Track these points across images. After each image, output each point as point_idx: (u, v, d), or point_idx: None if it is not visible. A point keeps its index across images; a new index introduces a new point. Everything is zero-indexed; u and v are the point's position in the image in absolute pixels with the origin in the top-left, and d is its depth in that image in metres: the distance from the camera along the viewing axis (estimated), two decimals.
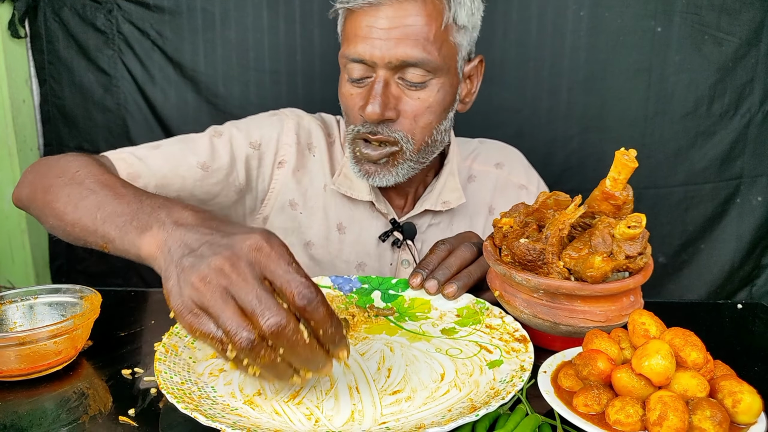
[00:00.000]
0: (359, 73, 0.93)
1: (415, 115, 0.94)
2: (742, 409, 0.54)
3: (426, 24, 0.89)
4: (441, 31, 0.91)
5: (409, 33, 0.89)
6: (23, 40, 1.58)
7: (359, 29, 0.90)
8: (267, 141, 1.07)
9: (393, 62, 0.90)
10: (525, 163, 1.20)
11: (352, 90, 0.96)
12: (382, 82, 0.91)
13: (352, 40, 0.91)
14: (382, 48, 0.89)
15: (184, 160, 1.00)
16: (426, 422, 0.58)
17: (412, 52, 0.89)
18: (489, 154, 1.17)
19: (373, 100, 0.91)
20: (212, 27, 1.56)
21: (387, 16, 0.88)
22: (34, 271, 1.65)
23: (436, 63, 0.91)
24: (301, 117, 1.12)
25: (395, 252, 1.10)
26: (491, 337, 0.76)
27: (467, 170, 1.15)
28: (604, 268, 0.68)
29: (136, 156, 0.97)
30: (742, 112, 1.56)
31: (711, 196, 1.61)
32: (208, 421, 0.55)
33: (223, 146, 1.04)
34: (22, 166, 1.59)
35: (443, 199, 1.08)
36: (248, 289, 0.52)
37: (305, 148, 1.10)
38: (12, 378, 0.69)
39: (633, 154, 0.70)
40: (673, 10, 1.49)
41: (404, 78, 0.92)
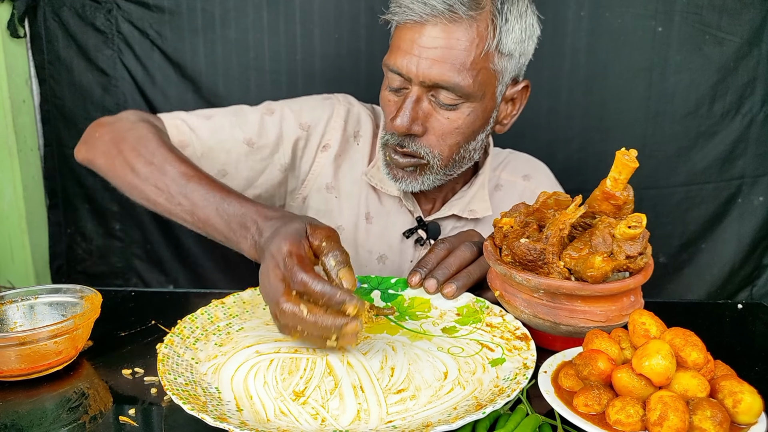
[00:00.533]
0: (398, 84, 0.94)
1: (443, 134, 0.95)
2: (743, 409, 0.55)
3: (466, 49, 0.89)
4: (480, 57, 0.90)
5: (447, 56, 0.89)
6: (23, 39, 1.58)
7: (403, 42, 0.91)
8: (316, 123, 1.10)
9: (426, 81, 0.91)
10: (552, 177, 1.21)
11: (390, 97, 0.97)
12: (414, 98, 0.92)
13: (395, 51, 0.93)
14: (419, 65, 0.90)
15: (230, 135, 1.04)
16: (433, 420, 0.58)
17: (446, 75, 0.89)
18: (517, 166, 1.18)
19: (402, 113, 0.92)
20: (212, 27, 1.56)
21: (430, 35, 0.89)
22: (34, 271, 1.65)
23: (468, 90, 0.91)
24: (351, 104, 1.14)
25: (417, 250, 1.11)
26: (492, 336, 0.76)
27: (495, 179, 1.16)
28: (605, 268, 0.68)
29: (188, 124, 1.03)
30: (744, 112, 1.55)
31: (712, 196, 1.61)
32: (216, 422, 0.55)
33: (273, 124, 1.07)
34: (22, 166, 1.59)
35: (471, 207, 1.09)
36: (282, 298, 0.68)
37: (351, 135, 1.12)
38: (12, 378, 0.69)
39: (633, 154, 0.70)
40: (674, 10, 1.49)
41: (436, 97, 0.93)
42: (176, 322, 0.75)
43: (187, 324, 0.76)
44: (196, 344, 0.73)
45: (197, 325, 0.76)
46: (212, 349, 0.73)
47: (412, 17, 0.89)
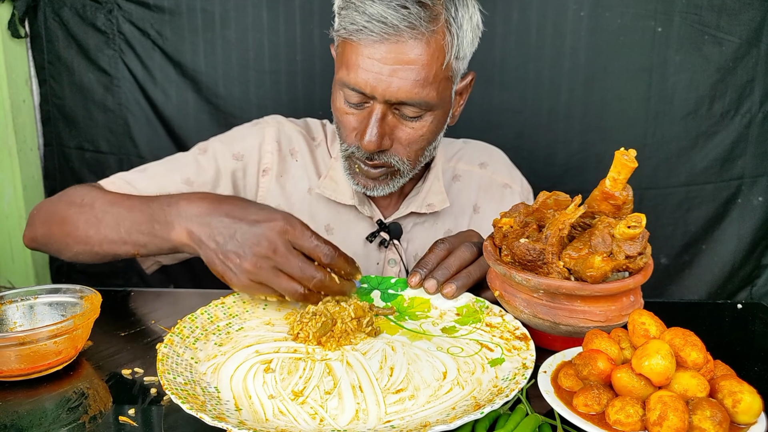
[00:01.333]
0: (356, 100, 0.92)
1: (409, 143, 0.95)
2: (742, 409, 0.55)
3: (427, 64, 0.87)
4: (441, 69, 0.89)
5: (409, 74, 0.87)
6: (23, 40, 1.58)
7: (360, 59, 0.88)
8: (249, 151, 1.11)
9: (391, 100, 0.89)
10: (508, 162, 1.22)
11: (347, 110, 0.95)
12: (380, 114, 0.91)
13: (352, 69, 0.89)
14: (381, 84, 0.88)
15: (169, 179, 1.05)
16: (431, 420, 0.58)
17: (410, 93, 0.88)
18: (473, 155, 1.19)
19: (370, 131, 0.91)
20: (212, 27, 1.56)
21: (389, 51, 0.86)
22: (34, 271, 1.65)
23: (432, 102, 0.91)
24: (281, 123, 1.14)
25: (382, 252, 1.11)
26: (492, 336, 0.76)
27: (452, 170, 1.16)
28: (604, 268, 0.68)
29: (125, 180, 1.04)
30: (743, 112, 1.55)
31: (712, 196, 1.61)
32: (214, 422, 0.55)
33: (208, 161, 1.08)
34: (22, 166, 1.59)
35: (428, 202, 1.09)
36: (292, 264, 0.76)
37: (287, 154, 1.13)
38: (12, 378, 0.69)
39: (632, 154, 0.70)
40: (673, 10, 1.49)
41: (400, 111, 0.92)
42: (176, 322, 0.75)
43: (187, 324, 0.76)
44: (195, 344, 0.73)
45: (197, 325, 0.76)
46: (212, 348, 0.73)
47: (371, 36, 0.86)
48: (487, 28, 1.56)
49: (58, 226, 0.93)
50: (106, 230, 0.86)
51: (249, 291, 0.78)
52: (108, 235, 0.86)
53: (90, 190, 0.94)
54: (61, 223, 0.92)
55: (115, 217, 0.85)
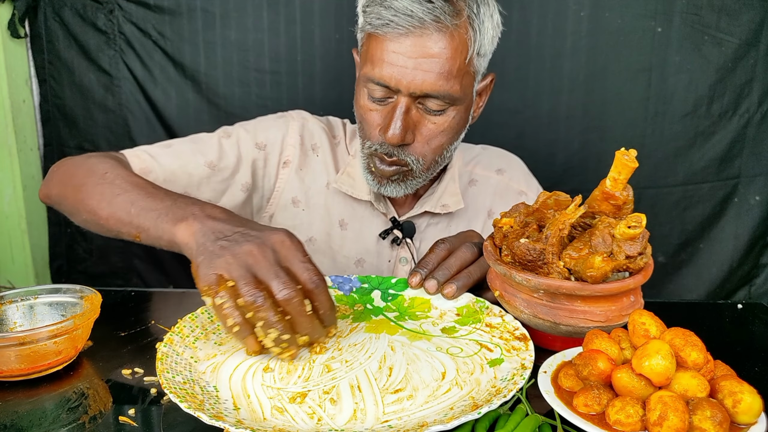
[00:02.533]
0: (381, 94, 0.94)
1: (429, 139, 0.96)
2: (743, 409, 0.55)
3: (451, 57, 0.90)
4: (464, 63, 0.92)
5: (435, 66, 0.89)
6: (23, 40, 1.58)
7: (385, 54, 0.90)
8: (273, 142, 1.11)
9: (416, 92, 0.91)
10: (525, 170, 1.22)
11: (371, 106, 0.97)
12: (404, 108, 0.92)
13: (377, 63, 0.92)
14: (406, 77, 0.90)
15: (192, 159, 1.05)
16: (428, 420, 0.58)
17: (436, 85, 0.90)
18: (491, 161, 1.20)
19: (394, 125, 0.92)
20: (212, 27, 1.56)
21: (414, 45, 0.89)
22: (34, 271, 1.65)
23: (456, 95, 0.93)
24: (306, 119, 1.16)
25: (394, 249, 1.12)
26: (491, 336, 0.76)
27: (468, 174, 1.17)
28: (605, 268, 0.68)
29: (149, 153, 1.04)
30: (741, 112, 1.56)
31: (709, 195, 1.61)
32: (212, 420, 0.55)
33: (231, 147, 1.08)
34: (22, 166, 1.59)
35: (443, 203, 1.10)
36: (268, 267, 0.66)
37: (309, 148, 1.14)
38: (12, 378, 0.69)
39: (633, 154, 0.70)
40: (673, 10, 1.49)
41: (424, 105, 0.93)
42: (176, 321, 0.75)
43: (187, 323, 0.76)
44: (195, 343, 0.73)
45: (197, 324, 0.76)
46: (211, 348, 0.73)
47: (397, 29, 0.88)
48: None
49: (73, 191, 0.91)
50: (117, 207, 0.83)
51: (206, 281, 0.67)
52: (117, 212, 0.83)
53: (116, 165, 0.92)
54: (78, 189, 0.90)
55: (132, 198, 0.83)
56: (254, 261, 0.67)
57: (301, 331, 0.67)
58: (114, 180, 0.87)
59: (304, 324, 0.67)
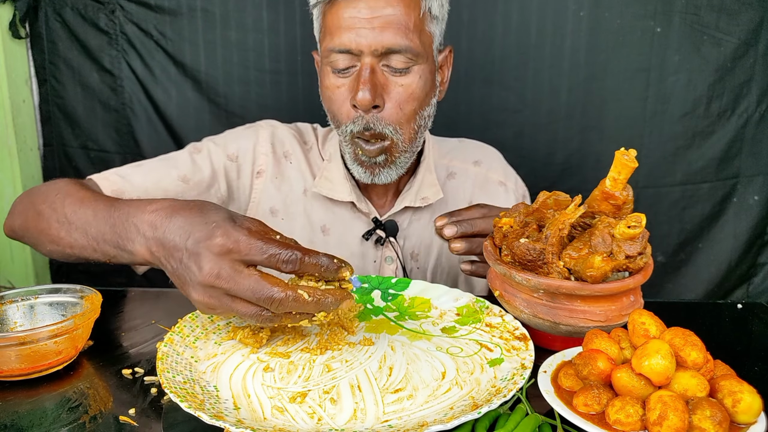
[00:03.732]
0: (344, 63, 0.95)
1: (400, 103, 0.96)
2: (742, 408, 0.55)
3: (405, 13, 0.92)
4: (419, 19, 0.94)
5: (391, 21, 0.92)
6: (23, 40, 1.58)
7: (342, 20, 0.93)
8: (244, 152, 1.11)
9: (379, 49, 0.92)
10: (502, 161, 1.23)
11: (337, 82, 0.97)
12: (369, 68, 0.93)
13: (336, 32, 0.93)
14: (367, 36, 0.91)
15: (165, 174, 1.04)
16: (428, 420, 0.58)
17: (395, 39, 0.92)
18: (467, 152, 1.21)
19: (363, 86, 0.92)
20: (213, 27, 1.56)
21: (368, 7, 0.91)
22: (34, 271, 1.65)
23: (417, 50, 0.94)
24: (275, 127, 1.16)
25: (378, 249, 1.11)
26: (491, 336, 0.76)
27: (446, 168, 1.17)
28: (604, 268, 0.68)
29: (119, 175, 1.02)
30: (740, 112, 1.56)
31: (708, 195, 1.62)
32: (212, 420, 0.55)
33: (203, 160, 1.08)
34: (22, 166, 1.59)
35: (422, 195, 1.10)
36: (241, 287, 0.63)
37: (281, 156, 1.14)
38: (12, 378, 0.69)
39: (633, 154, 0.70)
40: (673, 10, 1.49)
41: (389, 65, 0.94)
42: (176, 321, 0.75)
43: (188, 323, 0.76)
44: (195, 343, 0.73)
45: (197, 324, 0.76)
46: (212, 347, 0.73)
47: None
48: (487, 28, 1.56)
49: (33, 221, 0.88)
50: (76, 233, 0.80)
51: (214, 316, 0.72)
52: (78, 239, 0.79)
53: (67, 186, 0.88)
54: (36, 218, 0.87)
55: (83, 221, 0.79)
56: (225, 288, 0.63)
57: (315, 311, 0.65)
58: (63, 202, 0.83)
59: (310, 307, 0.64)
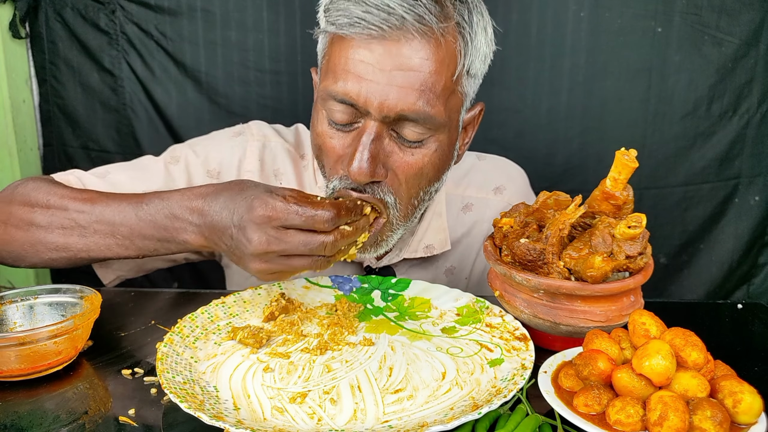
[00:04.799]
0: (343, 118, 0.76)
1: (406, 176, 0.78)
2: (743, 409, 0.55)
3: (436, 72, 0.72)
4: (451, 81, 0.74)
5: (413, 81, 0.71)
6: (23, 40, 1.58)
7: (351, 63, 0.72)
8: (227, 168, 0.96)
9: (390, 115, 0.73)
10: (527, 184, 1.06)
11: (331, 134, 0.78)
12: (373, 134, 0.74)
13: (341, 75, 0.73)
14: (378, 94, 0.71)
15: (130, 189, 0.91)
16: (428, 420, 0.58)
17: (416, 106, 0.72)
18: (486, 177, 1.02)
19: (360, 156, 0.73)
20: (213, 27, 1.56)
21: (389, 52, 0.70)
22: (34, 271, 1.65)
23: (440, 120, 0.75)
24: (267, 138, 0.99)
25: None
26: (491, 336, 0.76)
27: (461, 199, 0.99)
28: (605, 268, 0.68)
29: (82, 182, 0.92)
30: (741, 112, 1.56)
31: (710, 196, 1.61)
32: (212, 420, 0.55)
33: (179, 173, 0.94)
34: (22, 166, 1.59)
35: (426, 243, 0.94)
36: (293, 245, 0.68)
37: (270, 175, 0.97)
38: (12, 378, 0.69)
39: (633, 155, 0.70)
40: (673, 10, 1.49)
41: (399, 133, 0.76)
42: (176, 322, 0.75)
43: (188, 323, 0.76)
44: (195, 343, 0.73)
45: (197, 324, 0.76)
46: (211, 348, 0.73)
47: (369, 30, 0.69)
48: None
49: (21, 231, 0.80)
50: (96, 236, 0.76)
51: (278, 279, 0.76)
52: (98, 241, 0.76)
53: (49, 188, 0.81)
54: (26, 228, 0.79)
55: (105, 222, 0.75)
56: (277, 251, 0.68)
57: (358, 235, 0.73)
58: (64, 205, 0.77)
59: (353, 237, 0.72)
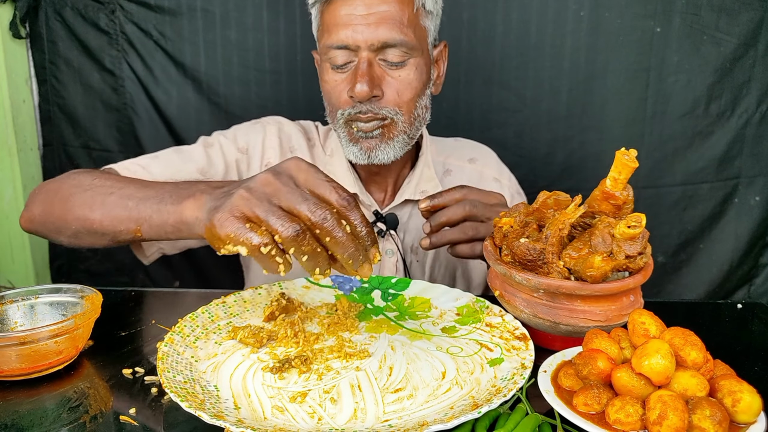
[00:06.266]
0: (342, 59, 0.98)
1: (398, 91, 0.99)
2: (742, 408, 0.55)
3: (399, 9, 0.96)
4: (413, 14, 0.98)
5: (386, 17, 0.95)
6: (23, 40, 1.58)
7: (339, 18, 0.96)
8: (254, 145, 1.14)
9: (375, 44, 0.95)
10: (496, 159, 1.27)
11: (335, 77, 1.00)
12: (366, 62, 0.96)
13: (333, 30, 0.97)
14: (364, 32, 0.95)
15: (183, 166, 1.05)
16: (428, 420, 0.58)
17: (391, 33, 0.95)
18: (463, 151, 1.24)
19: (361, 79, 0.95)
20: (213, 27, 1.56)
21: (364, 4, 0.95)
22: (34, 271, 1.65)
23: (412, 43, 0.97)
24: (281, 123, 1.19)
25: (379, 242, 1.12)
26: (491, 336, 0.76)
27: (442, 165, 1.20)
28: (604, 268, 0.68)
29: (138, 164, 1.03)
30: (739, 112, 1.56)
31: (709, 195, 1.61)
32: (213, 420, 0.55)
33: (216, 154, 1.10)
34: (22, 166, 1.59)
35: (421, 189, 1.12)
36: (293, 193, 0.61)
37: (288, 151, 1.16)
38: (13, 378, 0.69)
39: (633, 154, 0.70)
40: (673, 10, 1.49)
41: (385, 59, 0.97)
42: (177, 321, 0.75)
43: (188, 322, 0.76)
44: (196, 342, 0.73)
45: (198, 324, 0.77)
46: (212, 347, 0.73)
47: None
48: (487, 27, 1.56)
49: (60, 205, 0.87)
50: (112, 206, 0.79)
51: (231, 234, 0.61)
52: (111, 210, 0.79)
53: (101, 174, 0.90)
54: (64, 202, 0.86)
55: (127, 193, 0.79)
56: (273, 190, 0.61)
57: (345, 252, 0.62)
58: (105, 182, 0.83)
59: (346, 244, 0.62)
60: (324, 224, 0.60)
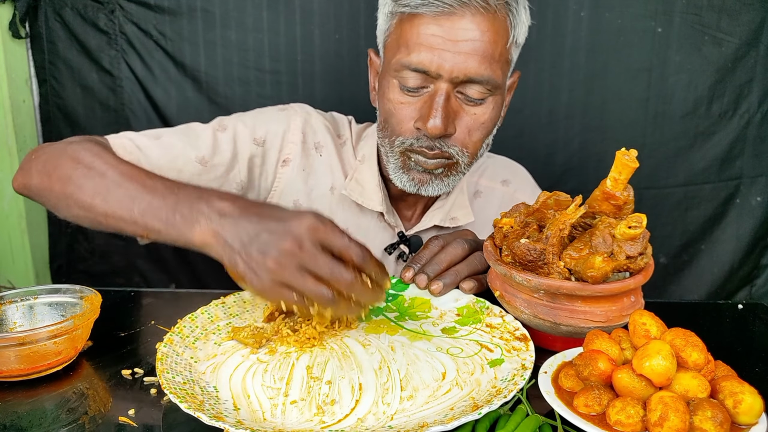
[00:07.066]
0: (416, 83, 0.89)
1: (470, 131, 0.92)
2: (743, 409, 0.54)
3: (493, 41, 0.86)
4: (505, 49, 0.89)
5: (478, 49, 0.86)
6: (23, 40, 1.58)
7: (423, 37, 0.86)
8: (272, 137, 1.05)
9: (459, 77, 0.87)
10: (531, 181, 1.19)
11: (403, 99, 0.91)
12: (444, 95, 0.88)
13: (414, 48, 0.87)
14: (450, 61, 0.85)
15: (183, 153, 0.98)
16: (429, 421, 0.58)
17: (479, 68, 0.86)
18: (496, 171, 1.16)
19: (435, 113, 0.87)
20: (212, 27, 1.56)
21: (455, 27, 0.85)
22: (34, 271, 1.65)
23: (497, 82, 0.89)
24: (309, 114, 1.10)
25: (400, 265, 1.08)
26: (492, 336, 0.76)
27: (474, 185, 1.13)
28: (605, 269, 0.68)
29: (135, 144, 0.96)
30: (741, 112, 1.56)
31: (711, 196, 1.61)
32: (212, 421, 0.55)
33: (227, 141, 1.02)
34: None
35: (452, 215, 1.06)
36: (320, 262, 0.66)
37: (311, 147, 1.08)
38: (12, 378, 0.69)
39: (634, 155, 0.70)
40: (674, 10, 1.49)
41: (464, 93, 0.89)
42: (176, 322, 0.75)
43: (187, 323, 0.76)
44: (195, 343, 0.73)
45: (197, 325, 0.76)
46: (211, 348, 0.73)
47: (441, 8, 0.84)
48: None
49: (60, 184, 0.83)
50: (117, 204, 0.77)
51: (271, 294, 0.68)
52: (117, 210, 0.77)
53: (100, 153, 0.85)
54: (65, 181, 0.83)
55: (130, 194, 0.76)
56: (300, 260, 0.66)
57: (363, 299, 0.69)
58: (105, 171, 0.80)
59: (366, 294, 0.69)
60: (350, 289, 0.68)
